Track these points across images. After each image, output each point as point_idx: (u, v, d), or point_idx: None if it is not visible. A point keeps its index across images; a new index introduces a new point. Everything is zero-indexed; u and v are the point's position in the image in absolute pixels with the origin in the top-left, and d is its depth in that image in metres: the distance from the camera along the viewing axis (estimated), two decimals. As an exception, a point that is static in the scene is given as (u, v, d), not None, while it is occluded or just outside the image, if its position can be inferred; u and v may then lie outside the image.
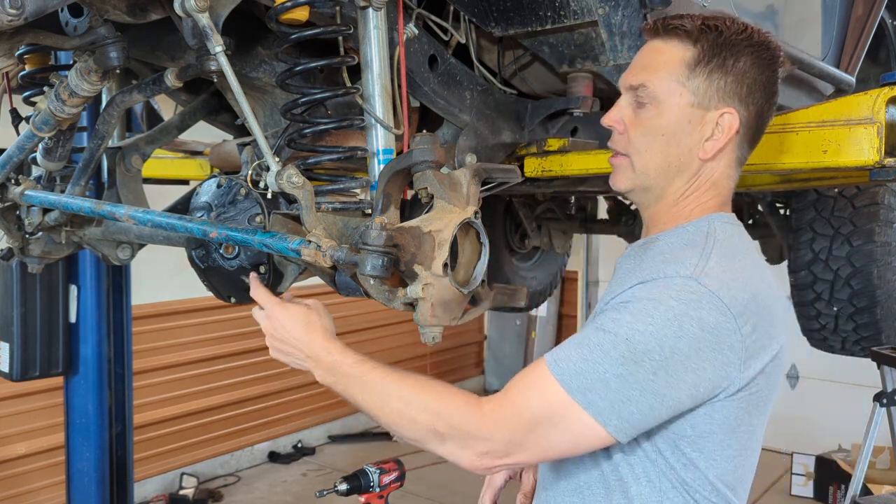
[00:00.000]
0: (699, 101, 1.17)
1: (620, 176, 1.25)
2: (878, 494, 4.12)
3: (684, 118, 1.18)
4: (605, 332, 1.08)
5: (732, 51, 1.16)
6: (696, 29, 1.17)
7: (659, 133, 1.19)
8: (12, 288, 2.98)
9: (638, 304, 1.08)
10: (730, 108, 1.17)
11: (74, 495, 3.36)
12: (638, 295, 1.09)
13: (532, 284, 3.66)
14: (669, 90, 1.17)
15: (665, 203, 1.24)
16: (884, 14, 2.81)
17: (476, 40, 1.76)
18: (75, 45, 1.38)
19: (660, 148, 1.19)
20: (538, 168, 1.88)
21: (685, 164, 1.20)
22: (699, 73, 1.16)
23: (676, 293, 1.06)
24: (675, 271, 1.10)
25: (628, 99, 1.22)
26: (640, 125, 1.20)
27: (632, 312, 1.08)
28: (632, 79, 1.22)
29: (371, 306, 6.24)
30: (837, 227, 2.77)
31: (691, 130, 1.18)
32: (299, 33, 1.27)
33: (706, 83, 1.17)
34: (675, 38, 1.18)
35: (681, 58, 1.17)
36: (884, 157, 1.44)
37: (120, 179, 1.94)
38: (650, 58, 1.21)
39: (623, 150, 1.23)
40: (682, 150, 1.19)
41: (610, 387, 1.05)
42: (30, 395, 4.34)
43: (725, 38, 1.16)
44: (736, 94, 1.17)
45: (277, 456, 5.87)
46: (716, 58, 1.16)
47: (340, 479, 1.91)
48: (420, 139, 1.23)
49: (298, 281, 1.53)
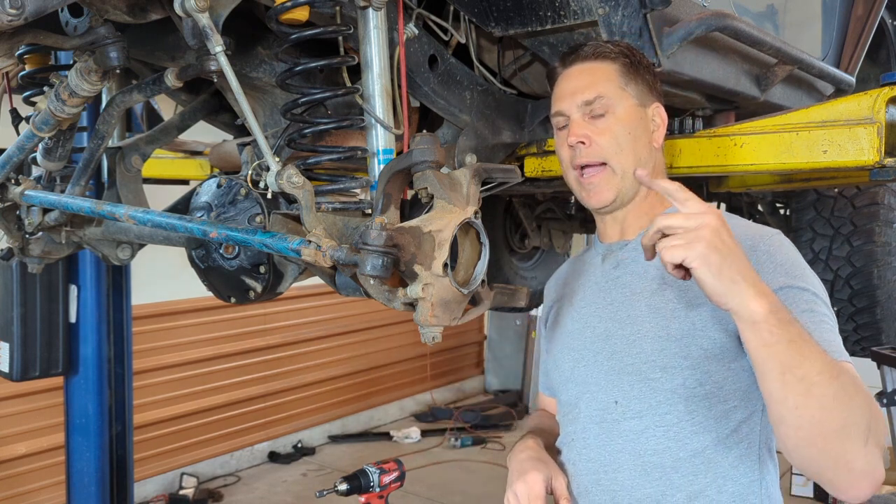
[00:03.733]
0: (639, 101, 1.37)
1: (603, 188, 1.35)
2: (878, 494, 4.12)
3: (636, 116, 1.36)
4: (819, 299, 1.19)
5: (638, 59, 1.39)
6: (614, 48, 1.38)
7: (625, 133, 1.34)
8: (12, 288, 2.98)
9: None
10: (656, 102, 1.39)
11: (74, 495, 3.36)
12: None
13: (532, 284, 3.65)
14: (618, 96, 1.35)
15: (636, 201, 1.38)
16: (884, 14, 2.82)
17: (476, 40, 1.76)
18: (75, 45, 1.38)
19: (630, 145, 1.34)
20: (538, 168, 1.88)
21: (648, 155, 1.36)
22: (631, 79, 1.36)
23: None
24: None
25: (580, 115, 1.36)
26: (605, 132, 1.34)
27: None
28: (583, 96, 1.35)
29: (371, 306, 6.25)
30: (837, 227, 2.77)
31: (645, 126, 1.36)
32: (299, 33, 1.27)
33: (637, 86, 1.37)
34: (602, 58, 1.37)
35: (615, 70, 1.36)
36: (884, 157, 1.44)
37: (120, 179, 1.94)
38: (589, 77, 1.37)
39: (599, 159, 1.34)
40: (643, 144, 1.36)
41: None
42: (30, 395, 4.34)
43: (631, 51, 1.39)
44: (655, 91, 1.40)
45: (277, 456, 5.87)
46: (635, 66, 1.37)
47: (340, 479, 1.91)
48: (420, 139, 1.22)
49: (298, 281, 1.53)
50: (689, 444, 1.25)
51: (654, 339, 1.28)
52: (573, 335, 1.43)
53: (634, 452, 1.29)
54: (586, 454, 1.35)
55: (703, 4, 1.71)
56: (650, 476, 1.27)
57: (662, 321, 1.28)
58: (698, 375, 1.24)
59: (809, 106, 1.59)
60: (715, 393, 1.24)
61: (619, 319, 1.34)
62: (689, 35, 1.56)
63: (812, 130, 1.53)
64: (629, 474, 1.29)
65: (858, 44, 2.58)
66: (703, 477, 1.25)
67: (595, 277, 1.44)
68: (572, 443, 1.39)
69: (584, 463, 1.36)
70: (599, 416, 1.34)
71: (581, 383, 1.38)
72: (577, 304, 1.46)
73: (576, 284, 1.50)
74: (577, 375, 1.39)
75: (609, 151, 1.33)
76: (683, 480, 1.25)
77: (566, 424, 1.43)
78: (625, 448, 1.30)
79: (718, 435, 1.24)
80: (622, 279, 1.38)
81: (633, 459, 1.29)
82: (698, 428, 1.25)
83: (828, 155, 1.51)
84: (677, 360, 1.25)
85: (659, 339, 1.28)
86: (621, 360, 1.32)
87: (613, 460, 1.31)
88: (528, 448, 1.41)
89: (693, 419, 1.25)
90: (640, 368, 1.29)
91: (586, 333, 1.40)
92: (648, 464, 1.27)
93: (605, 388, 1.34)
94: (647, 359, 1.28)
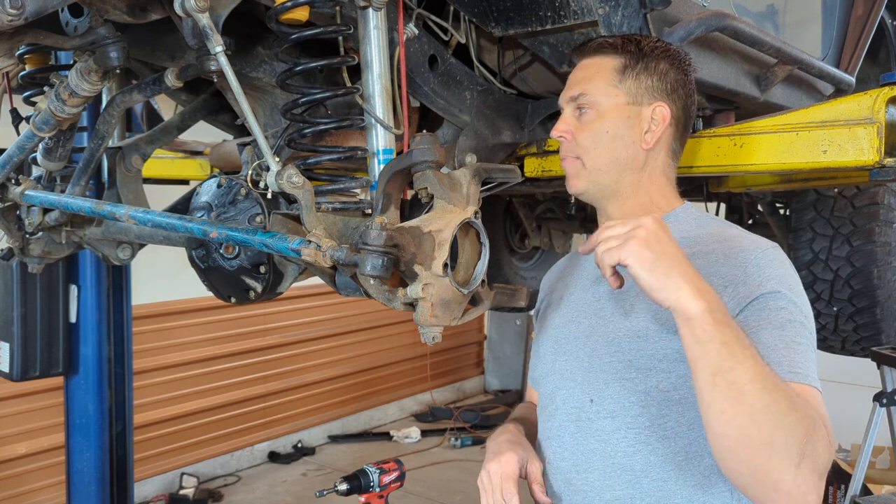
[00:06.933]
0: (633, 100, 1.33)
1: (574, 179, 1.37)
2: (878, 494, 4.11)
3: (623, 115, 1.33)
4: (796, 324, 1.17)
5: (651, 56, 1.34)
6: (620, 43, 1.35)
7: (603, 131, 1.33)
8: (12, 288, 2.98)
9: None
10: (660, 102, 1.33)
11: (74, 495, 3.36)
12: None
13: (532, 284, 3.65)
14: (606, 93, 1.33)
15: (621, 197, 1.36)
16: (884, 14, 2.81)
17: (476, 40, 1.76)
18: (75, 45, 1.39)
19: (606, 144, 1.33)
20: (538, 168, 1.88)
21: (632, 156, 1.34)
22: (628, 76, 1.33)
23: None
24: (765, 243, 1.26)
25: (570, 111, 1.37)
26: (584, 129, 1.34)
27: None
28: (571, 92, 1.36)
29: (371, 306, 6.25)
30: (837, 227, 2.77)
31: (632, 125, 1.33)
32: (299, 33, 1.27)
33: (636, 84, 1.33)
34: (602, 53, 1.36)
35: (611, 66, 1.34)
36: (884, 157, 1.44)
37: (120, 179, 1.94)
38: (584, 73, 1.37)
39: (573, 154, 1.36)
40: (626, 144, 1.33)
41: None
42: (30, 395, 4.34)
43: (644, 47, 1.34)
44: (662, 90, 1.34)
45: (277, 456, 5.87)
46: (640, 63, 1.33)
47: (340, 479, 1.91)
48: (420, 139, 1.22)
49: (298, 281, 1.53)
50: (660, 449, 1.23)
51: (632, 339, 1.27)
52: (559, 328, 1.43)
53: (605, 453, 1.27)
54: (560, 453, 1.35)
55: (703, 4, 1.71)
56: (620, 479, 1.25)
57: (643, 322, 1.27)
58: (673, 379, 1.22)
59: (809, 106, 1.59)
60: (689, 399, 1.20)
61: (602, 317, 1.34)
62: (688, 35, 1.57)
63: (812, 130, 1.53)
64: (599, 475, 1.28)
65: (858, 44, 2.58)
66: (672, 483, 1.22)
67: (588, 273, 1.43)
68: (548, 440, 1.38)
69: (558, 462, 1.35)
70: (575, 413, 1.33)
71: (560, 378, 1.38)
72: (566, 298, 1.45)
73: (569, 279, 1.49)
74: (557, 369, 1.39)
75: (582, 147, 1.34)
76: (653, 485, 1.23)
77: (545, 419, 1.42)
78: (596, 449, 1.29)
79: (690, 442, 1.22)
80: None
81: (603, 460, 1.27)
82: (670, 433, 1.23)
83: (828, 155, 1.51)
84: (653, 362, 1.24)
85: (637, 339, 1.26)
86: (600, 359, 1.30)
87: (585, 460, 1.30)
88: (506, 431, 1.42)
89: (665, 423, 1.23)
90: (616, 367, 1.28)
91: (570, 328, 1.39)
92: (618, 465, 1.26)
93: (581, 385, 1.32)
94: (624, 358, 1.27)
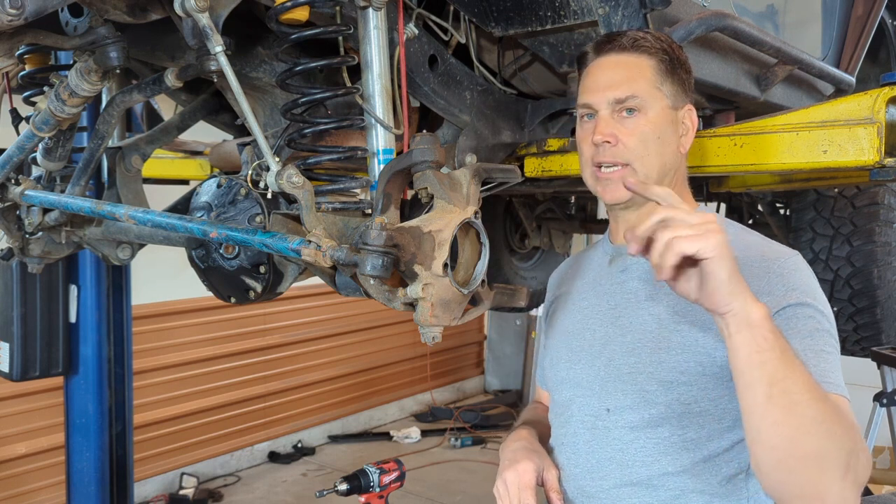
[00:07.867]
0: (672, 103, 1.29)
1: (620, 185, 1.25)
2: (878, 494, 4.11)
3: (667, 119, 1.28)
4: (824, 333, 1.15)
5: (678, 56, 1.31)
6: (654, 43, 1.29)
7: (654, 136, 1.27)
8: (12, 288, 2.98)
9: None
10: (688, 104, 1.32)
11: (74, 495, 3.36)
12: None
13: (532, 284, 3.66)
14: (653, 96, 1.27)
15: (651, 203, 1.24)
16: (884, 14, 2.81)
17: (476, 40, 1.76)
18: (75, 45, 1.39)
19: (657, 150, 1.27)
20: (538, 168, 1.88)
21: (675, 161, 1.31)
22: (667, 78, 1.29)
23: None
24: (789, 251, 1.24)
25: (608, 112, 1.28)
26: (634, 133, 1.26)
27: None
28: (616, 93, 1.27)
29: (371, 306, 6.25)
30: (837, 227, 2.77)
31: (673, 130, 1.30)
32: (299, 33, 1.27)
33: (673, 86, 1.29)
34: (638, 51, 1.29)
35: (650, 66, 1.28)
36: (884, 157, 1.44)
37: (120, 179, 1.94)
38: (624, 72, 1.28)
39: (623, 160, 1.27)
40: (672, 149, 1.29)
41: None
42: (30, 395, 4.34)
43: (670, 46, 1.31)
44: (689, 91, 1.33)
45: (277, 456, 5.87)
46: (673, 64, 1.30)
47: (340, 479, 1.91)
48: (420, 139, 1.22)
49: (298, 281, 1.53)
50: (678, 459, 1.22)
51: (652, 351, 1.25)
52: (573, 335, 1.40)
53: (622, 462, 1.26)
54: (574, 459, 1.34)
55: (703, 4, 1.71)
56: (636, 487, 1.25)
57: (664, 332, 1.24)
58: (694, 392, 1.21)
59: (809, 106, 1.59)
60: (710, 411, 1.21)
61: (620, 325, 1.31)
62: (689, 35, 1.57)
63: (812, 130, 1.53)
64: (615, 483, 1.27)
65: (858, 44, 2.58)
66: (689, 493, 1.22)
67: (600, 278, 1.40)
68: (562, 446, 1.37)
69: (571, 468, 1.34)
70: (591, 422, 1.31)
71: (576, 386, 1.36)
72: (579, 304, 1.43)
73: (580, 282, 1.46)
74: (573, 377, 1.37)
75: (635, 154, 1.26)
76: (669, 495, 1.23)
77: (558, 426, 1.41)
78: (613, 457, 1.28)
79: (709, 454, 1.21)
80: (628, 284, 1.34)
81: (620, 469, 1.27)
82: (689, 444, 1.22)
83: (828, 155, 1.51)
84: (674, 375, 1.22)
85: (658, 350, 1.24)
86: (618, 369, 1.29)
87: (600, 468, 1.29)
88: (520, 438, 1.40)
89: (685, 434, 1.22)
90: (636, 379, 1.26)
91: (585, 335, 1.37)
92: (635, 475, 1.25)
93: (598, 394, 1.31)
94: (644, 370, 1.25)
